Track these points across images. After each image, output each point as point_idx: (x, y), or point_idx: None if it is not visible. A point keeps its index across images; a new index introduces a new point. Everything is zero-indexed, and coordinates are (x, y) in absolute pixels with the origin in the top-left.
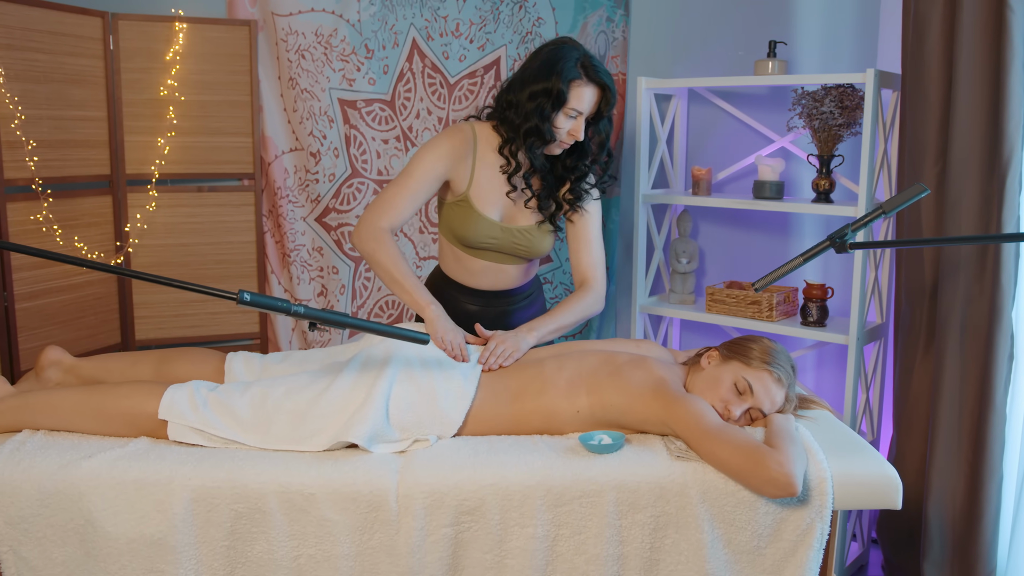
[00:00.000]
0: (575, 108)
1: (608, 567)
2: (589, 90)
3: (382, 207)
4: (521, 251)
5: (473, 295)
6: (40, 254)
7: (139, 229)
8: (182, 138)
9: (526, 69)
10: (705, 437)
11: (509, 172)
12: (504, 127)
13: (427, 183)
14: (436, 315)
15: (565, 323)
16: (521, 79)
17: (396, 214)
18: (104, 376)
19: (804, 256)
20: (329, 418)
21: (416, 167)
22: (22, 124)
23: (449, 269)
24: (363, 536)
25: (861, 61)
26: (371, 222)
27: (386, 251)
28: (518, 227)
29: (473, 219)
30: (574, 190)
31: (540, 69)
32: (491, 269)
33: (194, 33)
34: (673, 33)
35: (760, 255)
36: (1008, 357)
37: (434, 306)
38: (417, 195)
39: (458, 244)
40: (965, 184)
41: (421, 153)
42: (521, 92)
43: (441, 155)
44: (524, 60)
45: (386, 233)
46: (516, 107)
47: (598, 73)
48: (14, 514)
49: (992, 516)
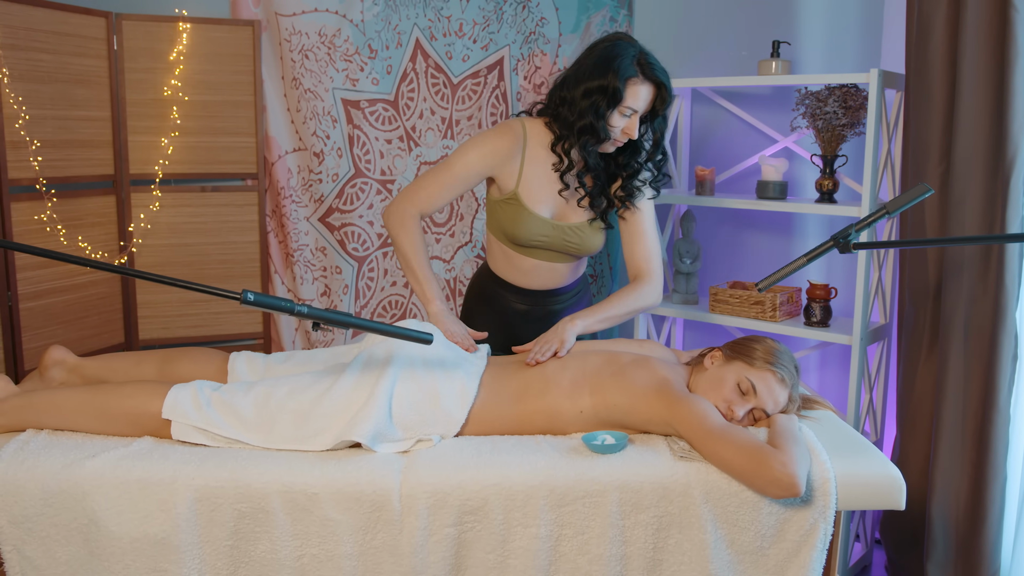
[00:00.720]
0: (630, 106)
1: (611, 567)
2: (645, 88)
3: (416, 192)
4: (572, 248)
5: (522, 294)
6: (44, 254)
7: (143, 229)
8: (186, 138)
9: (581, 65)
10: (708, 437)
11: (562, 170)
12: (557, 124)
13: (465, 178)
14: (440, 310)
15: (613, 314)
16: (576, 76)
17: (428, 202)
18: (108, 376)
19: (808, 256)
20: (332, 418)
21: (457, 161)
22: (26, 124)
23: (498, 268)
24: (366, 536)
25: (865, 61)
26: (402, 205)
27: (409, 237)
28: (569, 224)
29: (524, 217)
30: (626, 187)
31: (596, 66)
32: (542, 268)
33: (198, 33)
34: (676, 33)
35: (763, 255)
36: (1012, 357)
37: (438, 302)
38: (453, 187)
39: (508, 242)
40: (969, 184)
41: (466, 147)
42: (576, 89)
43: (485, 153)
44: (579, 55)
45: (413, 219)
46: (570, 104)
47: (654, 71)
48: (18, 513)
49: (996, 517)
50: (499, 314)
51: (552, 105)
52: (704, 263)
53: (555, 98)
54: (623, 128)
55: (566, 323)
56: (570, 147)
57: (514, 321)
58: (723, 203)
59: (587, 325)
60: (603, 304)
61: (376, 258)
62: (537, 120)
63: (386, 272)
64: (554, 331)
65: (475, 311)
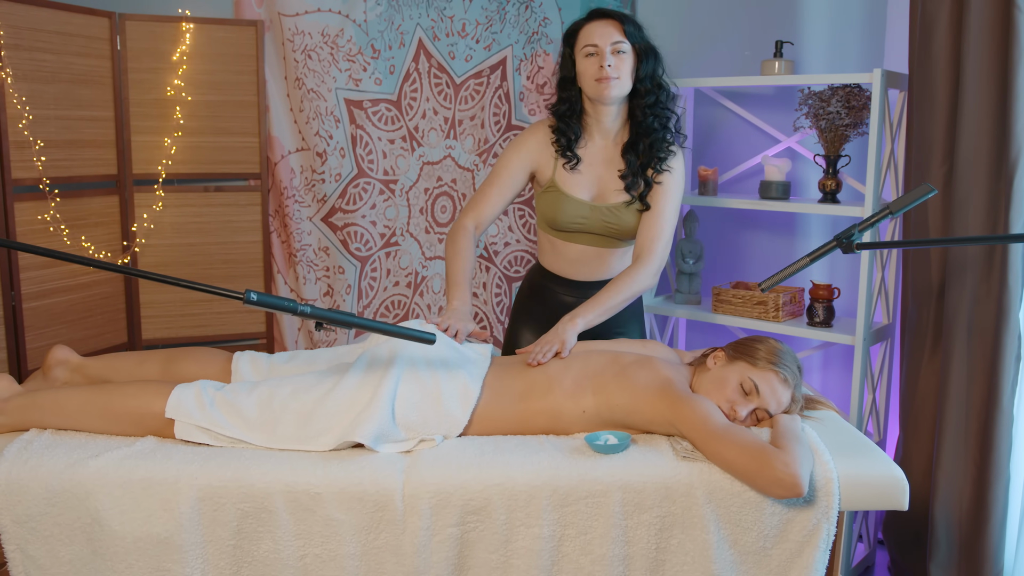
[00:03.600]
0: (588, 44)
1: (614, 567)
2: (599, 24)
3: (470, 205)
4: (612, 229)
5: (570, 286)
6: (47, 254)
7: (146, 229)
8: (189, 138)
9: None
10: (711, 437)
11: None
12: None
13: (509, 178)
14: (455, 308)
15: (612, 304)
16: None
17: (482, 211)
18: (111, 375)
19: (811, 256)
20: (335, 418)
21: (500, 164)
22: (30, 124)
23: (547, 261)
24: (369, 536)
25: (868, 61)
26: (458, 220)
27: (453, 247)
28: (607, 205)
29: (562, 201)
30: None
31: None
32: (587, 254)
33: (201, 33)
34: (679, 33)
35: (766, 255)
36: (1016, 358)
37: (457, 301)
38: (501, 191)
39: (551, 231)
40: (972, 184)
41: (505, 150)
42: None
43: (521, 148)
44: None
45: (465, 230)
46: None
47: (600, 9)
48: (21, 513)
49: (999, 517)
50: (549, 309)
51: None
52: (707, 263)
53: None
54: (594, 68)
55: (566, 322)
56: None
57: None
58: (726, 203)
59: (588, 322)
60: (600, 296)
61: (379, 258)
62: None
63: (389, 272)
64: (554, 331)
65: (526, 307)
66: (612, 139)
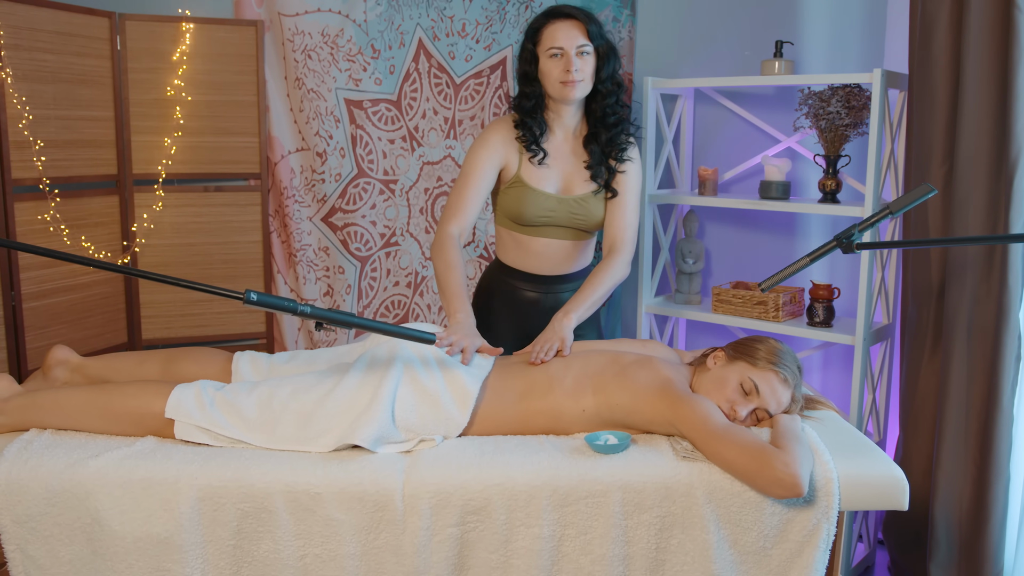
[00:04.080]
0: (552, 46)
1: (614, 567)
2: (560, 25)
3: (450, 212)
4: (579, 221)
5: (535, 281)
6: (47, 254)
7: (146, 229)
8: (189, 138)
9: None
10: (711, 437)
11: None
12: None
13: (480, 177)
14: (460, 321)
15: (597, 296)
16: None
17: (463, 216)
18: (111, 375)
19: (811, 256)
20: (335, 419)
21: (469, 166)
22: (30, 124)
23: (510, 258)
24: (369, 536)
25: (868, 61)
26: (440, 230)
27: (441, 259)
28: (574, 196)
29: (529, 195)
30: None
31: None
32: (552, 247)
33: (201, 33)
34: (679, 33)
35: (766, 255)
36: (1016, 358)
37: (461, 314)
38: (479, 191)
39: (516, 227)
40: (972, 184)
41: (471, 150)
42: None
43: (488, 146)
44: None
45: (451, 239)
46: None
47: (564, 8)
48: (21, 513)
49: (999, 517)
50: (510, 307)
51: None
52: (707, 263)
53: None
54: (560, 71)
55: (560, 319)
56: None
57: (527, 311)
58: (726, 203)
59: (579, 316)
60: (585, 290)
61: (379, 258)
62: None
63: (389, 272)
64: (551, 329)
65: (488, 306)
66: (572, 132)
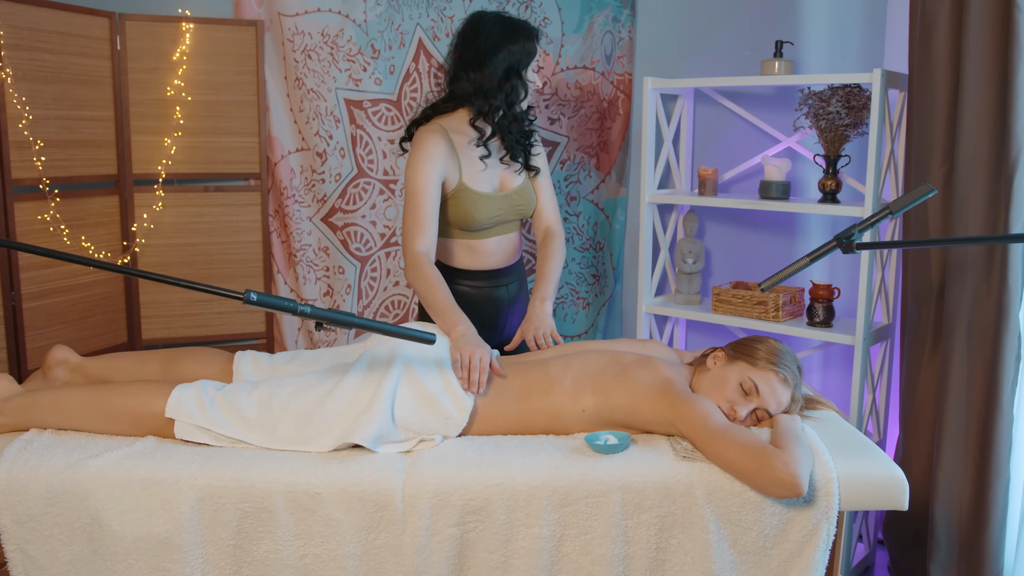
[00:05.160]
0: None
1: (614, 567)
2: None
3: (414, 232)
4: (521, 211)
5: (490, 277)
6: (47, 254)
7: (146, 229)
8: (189, 138)
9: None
10: (711, 437)
11: (486, 137)
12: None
13: (433, 194)
14: (463, 333)
15: (558, 276)
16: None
17: (427, 234)
18: (111, 375)
19: (811, 256)
20: (335, 419)
21: (419, 184)
22: (30, 124)
23: (462, 262)
24: (369, 536)
25: (868, 61)
26: (409, 250)
27: (421, 278)
28: (513, 190)
29: (476, 201)
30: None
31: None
32: (503, 243)
33: (201, 33)
34: (679, 33)
35: (766, 255)
36: (1016, 358)
37: (462, 326)
38: (433, 206)
39: (466, 234)
40: (972, 184)
41: (413, 170)
42: (486, 68)
43: (433, 157)
44: (458, 47)
45: (422, 256)
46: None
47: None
48: (21, 513)
49: (999, 517)
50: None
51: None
52: (707, 263)
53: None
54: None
55: (539, 306)
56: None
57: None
58: (726, 203)
59: (552, 300)
60: (547, 274)
61: (379, 258)
62: (445, 117)
63: (388, 272)
64: (537, 318)
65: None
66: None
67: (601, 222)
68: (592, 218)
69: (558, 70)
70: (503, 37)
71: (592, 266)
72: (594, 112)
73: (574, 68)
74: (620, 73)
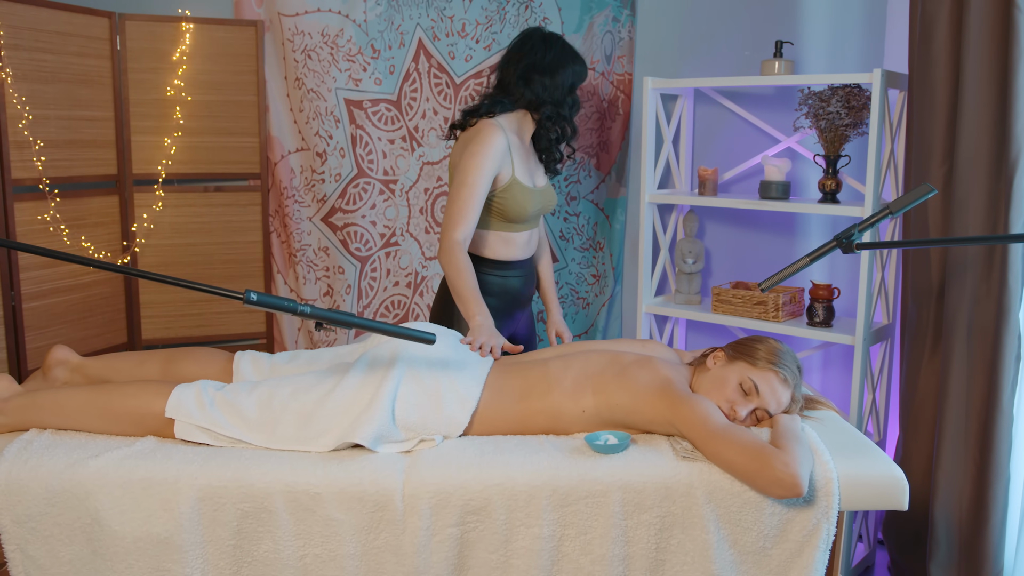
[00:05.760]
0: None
1: (614, 567)
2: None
3: (457, 220)
4: (550, 206)
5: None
6: (47, 254)
7: (146, 229)
8: (188, 138)
9: (545, 60)
10: (711, 437)
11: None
12: (544, 109)
13: (485, 187)
14: (480, 324)
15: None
16: (548, 68)
17: (469, 225)
18: (111, 375)
19: (810, 256)
20: (335, 419)
21: (475, 177)
22: (30, 124)
23: (498, 253)
24: (369, 536)
25: (868, 61)
26: (447, 237)
27: (453, 265)
28: (544, 187)
29: (525, 194)
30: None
31: (566, 58)
32: (533, 237)
33: (201, 33)
34: (679, 33)
35: (766, 255)
36: (1015, 358)
37: (480, 316)
38: (480, 199)
39: (508, 226)
40: (972, 184)
41: (473, 162)
42: (555, 78)
43: (493, 157)
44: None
45: (458, 244)
46: (556, 90)
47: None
48: (21, 513)
49: (999, 517)
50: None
51: (535, 96)
52: (707, 263)
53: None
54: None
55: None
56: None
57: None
58: (726, 203)
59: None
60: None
61: (379, 258)
62: (508, 115)
63: (388, 272)
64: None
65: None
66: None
67: (601, 222)
68: (592, 218)
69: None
70: (570, 56)
71: (592, 266)
72: (594, 112)
73: None
74: (620, 73)
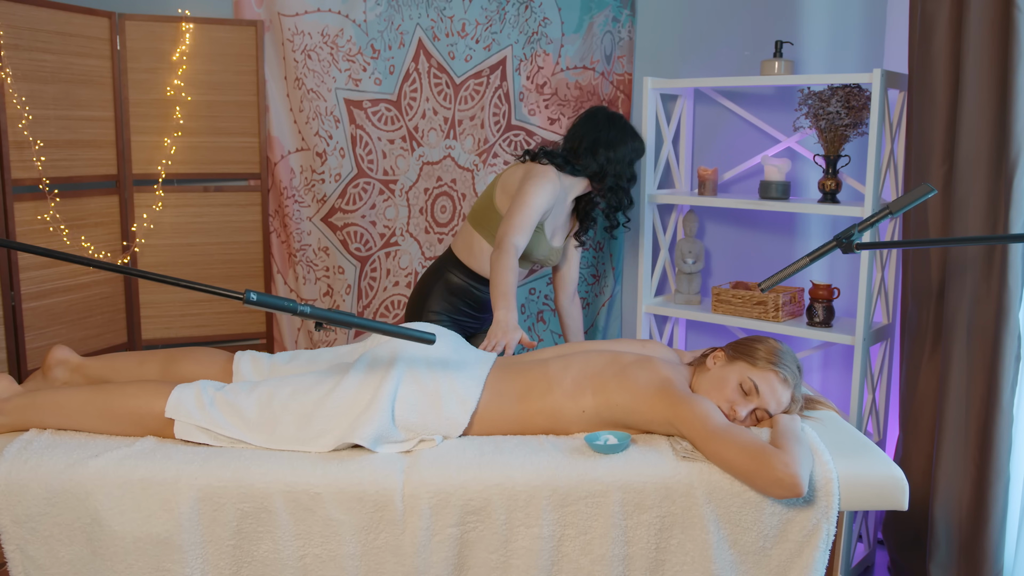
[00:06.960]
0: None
1: (614, 567)
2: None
3: (516, 228)
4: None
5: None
6: (47, 254)
7: (145, 229)
8: (188, 138)
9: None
10: (711, 437)
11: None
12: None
13: (542, 212)
14: (502, 318)
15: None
16: (611, 142)
17: (526, 235)
18: (111, 375)
19: (810, 256)
20: (335, 419)
21: (535, 200)
22: (29, 124)
23: (477, 266)
24: (368, 536)
25: (868, 61)
26: (508, 240)
27: (505, 263)
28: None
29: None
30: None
31: (627, 136)
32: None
33: (201, 33)
34: (679, 33)
35: (766, 255)
36: (1015, 358)
37: (503, 311)
38: (536, 221)
39: None
40: (972, 184)
41: (539, 191)
42: (616, 152)
43: (550, 193)
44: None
45: (513, 248)
46: (618, 163)
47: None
48: (21, 513)
49: (999, 517)
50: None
51: (599, 167)
52: (706, 263)
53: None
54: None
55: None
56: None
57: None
58: (726, 203)
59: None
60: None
61: (379, 258)
62: (574, 178)
63: (388, 272)
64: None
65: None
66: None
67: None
68: None
69: (558, 70)
70: (630, 134)
71: (592, 266)
72: None
73: (574, 68)
74: (620, 73)
